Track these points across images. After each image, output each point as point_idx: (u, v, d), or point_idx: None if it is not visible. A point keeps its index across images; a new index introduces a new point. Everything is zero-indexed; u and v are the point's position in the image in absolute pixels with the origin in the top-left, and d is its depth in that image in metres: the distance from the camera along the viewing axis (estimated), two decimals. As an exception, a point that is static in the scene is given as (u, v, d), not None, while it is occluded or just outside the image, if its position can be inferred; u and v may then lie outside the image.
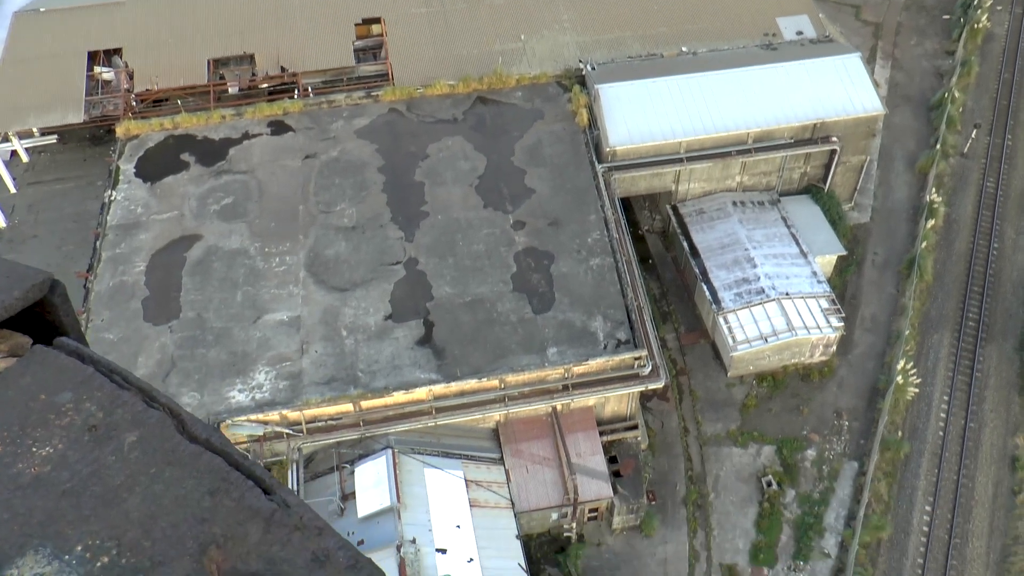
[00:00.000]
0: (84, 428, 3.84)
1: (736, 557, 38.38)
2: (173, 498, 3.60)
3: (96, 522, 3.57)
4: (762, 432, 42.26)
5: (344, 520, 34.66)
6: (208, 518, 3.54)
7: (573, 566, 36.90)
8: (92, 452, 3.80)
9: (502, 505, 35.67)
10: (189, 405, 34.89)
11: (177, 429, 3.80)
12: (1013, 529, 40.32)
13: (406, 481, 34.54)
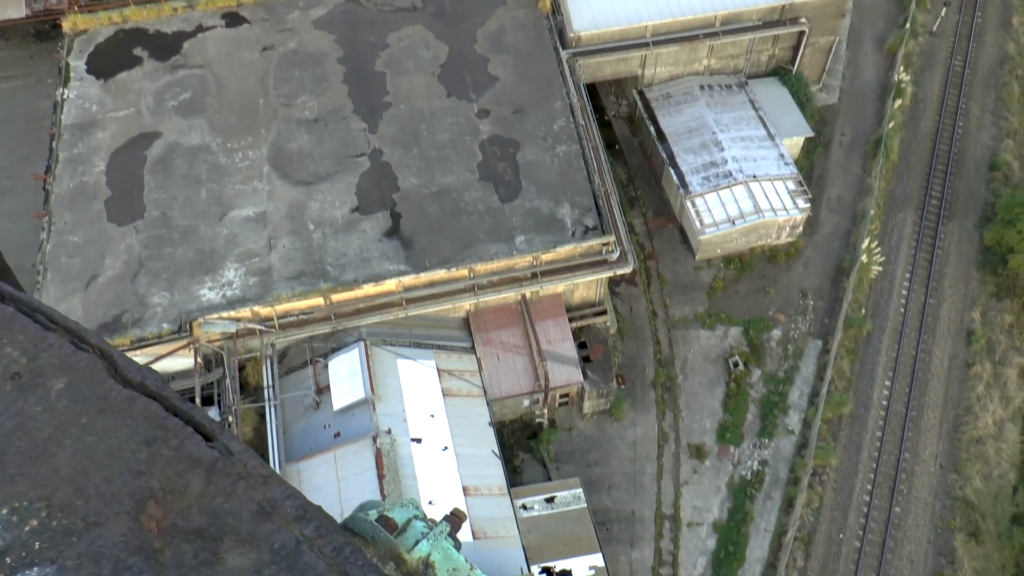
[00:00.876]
0: (5, 376, 3.46)
1: (704, 437, 39.66)
2: (106, 450, 3.27)
3: (23, 482, 3.21)
4: (729, 314, 43.09)
5: (320, 413, 35.27)
6: (145, 471, 3.24)
7: (545, 451, 37.99)
8: (15, 403, 3.42)
9: (474, 394, 36.38)
10: (159, 305, 34.93)
11: (109, 372, 3.46)
12: (965, 400, 41.89)
13: (379, 373, 35.06)
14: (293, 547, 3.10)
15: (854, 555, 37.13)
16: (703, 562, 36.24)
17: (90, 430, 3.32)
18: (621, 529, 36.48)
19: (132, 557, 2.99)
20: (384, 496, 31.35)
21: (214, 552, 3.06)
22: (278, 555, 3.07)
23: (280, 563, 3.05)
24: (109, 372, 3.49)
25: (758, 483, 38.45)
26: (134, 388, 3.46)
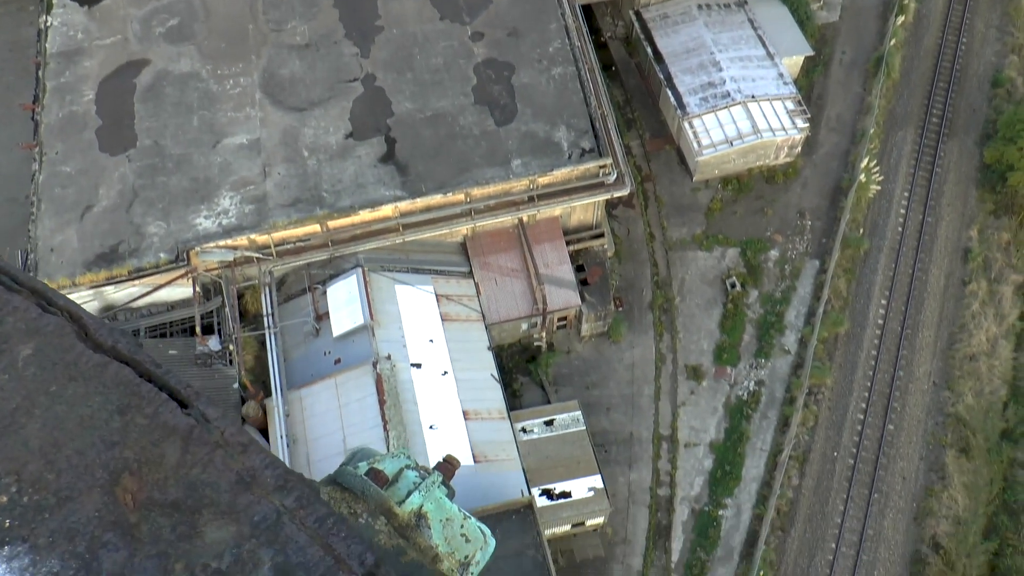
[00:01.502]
0: (-33, 343, 3.35)
1: (701, 358, 39.90)
2: (78, 420, 3.10)
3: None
4: (727, 235, 42.92)
5: (319, 340, 35.38)
6: (119, 441, 3.08)
7: (544, 374, 38.27)
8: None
9: (473, 318, 36.44)
10: (156, 234, 34.71)
11: (79, 336, 3.27)
12: (960, 318, 42.02)
13: (378, 299, 35.05)
14: (274, 519, 2.97)
15: (848, 472, 37.72)
16: (700, 482, 36.84)
17: (60, 398, 3.16)
18: (619, 450, 36.98)
19: (107, 533, 2.88)
20: (386, 422, 31.66)
21: (192, 525, 2.94)
22: (258, 528, 2.95)
23: (260, 536, 2.93)
24: (79, 336, 3.31)
25: (754, 403, 38.84)
26: (105, 352, 3.28)
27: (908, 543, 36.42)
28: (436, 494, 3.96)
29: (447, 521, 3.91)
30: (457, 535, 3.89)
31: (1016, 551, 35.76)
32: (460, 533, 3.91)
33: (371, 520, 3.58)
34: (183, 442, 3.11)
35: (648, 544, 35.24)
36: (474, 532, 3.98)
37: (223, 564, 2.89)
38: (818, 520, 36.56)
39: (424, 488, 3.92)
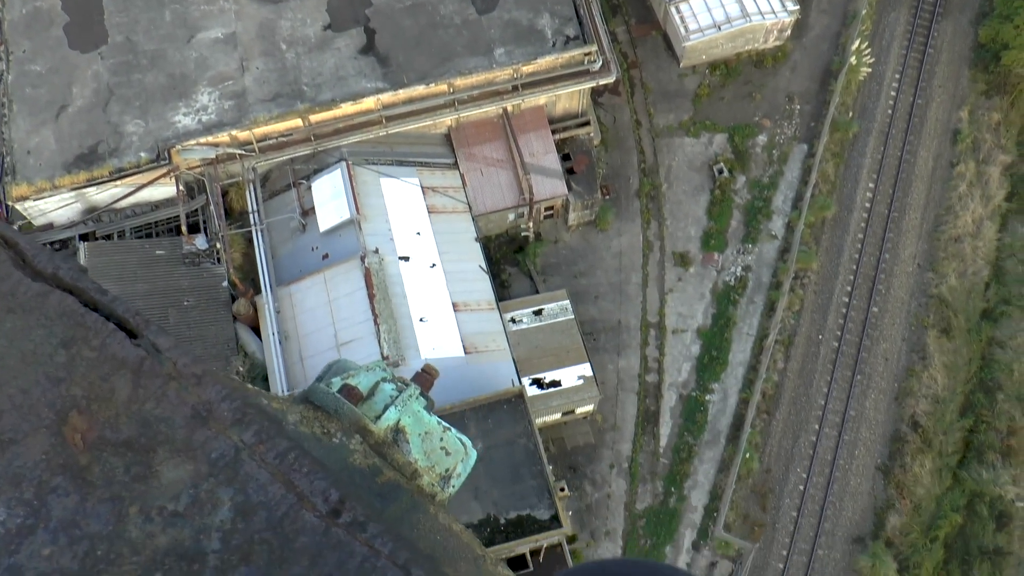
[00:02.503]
0: None
1: (688, 245, 39.89)
2: (19, 356, 2.88)
3: (-76, 398, 2.94)
4: (714, 121, 42.27)
5: (306, 236, 35.15)
6: (65, 377, 2.87)
7: (532, 264, 38.23)
8: (-91, 308, 3.08)
9: (459, 209, 36.17)
10: (135, 133, 33.96)
11: (15, 264, 3.05)
12: (947, 200, 41.92)
13: (363, 192, 34.65)
14: (232, 456, 2.83)
15: (832, 355, 38.28)
16: (687, 367, 37.36)
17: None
18: (608, 338, 37.33)
19: (56, 477, 2.73)
20: (376, 315, 31.78)
21: (147, 465, 2.78)
22: (216, 465, 2.81)
23: (219, 475, 2.79)
24: (15, 263, 3.11)
25: (741, 289, 39.05)
26: (46, 280, 3.07)
27: (888, 423, 37.29)
28: (414, 407, 3.80)
29: (426, 435, 3.77)
30: (436, 448, 3.77)
31: (989, 427, 36.69)
32: (440, 446, 3.78)
33: (345, 439, 3.40)
34: (134, 375, 2.92)
35: (637, 430, 35.98)
36: (454, 444, 3.85)
37: (180, 506, 2.74)
38: (802, 402, 37.30)
39: (401, 402, 3.76)
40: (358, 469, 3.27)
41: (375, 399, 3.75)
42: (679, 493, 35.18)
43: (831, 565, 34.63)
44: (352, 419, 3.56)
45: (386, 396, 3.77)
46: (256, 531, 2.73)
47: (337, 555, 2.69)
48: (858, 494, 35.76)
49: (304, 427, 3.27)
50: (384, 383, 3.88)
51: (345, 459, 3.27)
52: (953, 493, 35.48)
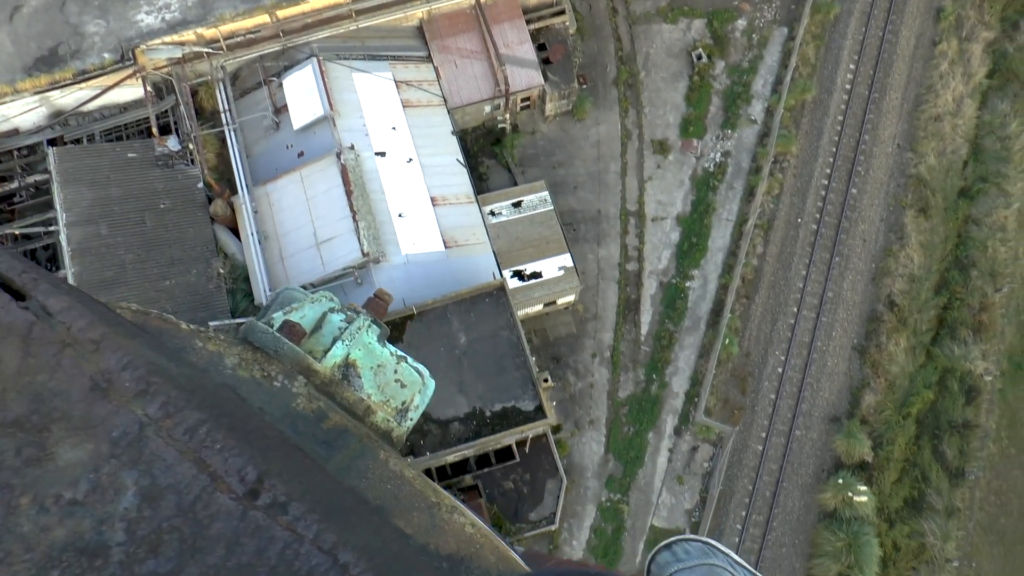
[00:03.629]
0: None
1: (667, 132, 39.77)
2: None
3: None
4: (692, 6, 41.50)
5: (280, 134, 34.85)
6: None
7: (510, 155, 38.10)
8: None
9: (434, 103, 35.83)
10: (96, 34, 33.21)
11: None
12: (928, 79, 41.75)
13: (336, 88, 34.21)
14: (136, 433, 2.51)
15: (811, 238, 38.77)
16: (667, 255, 37.80)
17: None
18: (588, 228, 37.61)
19: None
20: (354, 212, 31.85)
21: (40, 447, 2.46)
22: (118, 445, 2.49)
23: (121, 456, 2.47)
24: None
25: (720, 174, 39.20)
26: None
27: (865, 303, 38.09)
28: (364, 339, 3.54)
29: (379, 368, 3.53)
30: (391, 381, 3.54)
31: (963, 304, 37.58)
32: (394, 379, 3.56)
33: (287, 382, 3.12)
34: (22, 343, 2.56)
35: (618, 319, 36.65)
36: (409, 375, 3.61)
37: (78, 493, 2.43)
38: (781, 286, 37.96)
39: (349, 335, 3.49)
40: (301, 415, 3.01)
41: (322, 332, 3.49)
42: (660, 380, 36.13)
43: (808, 445, 35.93)
44: (294, 359, 3.29)
45: (334, 328, 3.51)
46: (165, 518, 2.45)
47: (256, 542, 2.41)
48: (835, 375, 36.83)
49: (243, 371, 3.00)
50: (332, 314, 3.61)
51: (288, 404, 3.02)
52: (926, 370, 36.59)
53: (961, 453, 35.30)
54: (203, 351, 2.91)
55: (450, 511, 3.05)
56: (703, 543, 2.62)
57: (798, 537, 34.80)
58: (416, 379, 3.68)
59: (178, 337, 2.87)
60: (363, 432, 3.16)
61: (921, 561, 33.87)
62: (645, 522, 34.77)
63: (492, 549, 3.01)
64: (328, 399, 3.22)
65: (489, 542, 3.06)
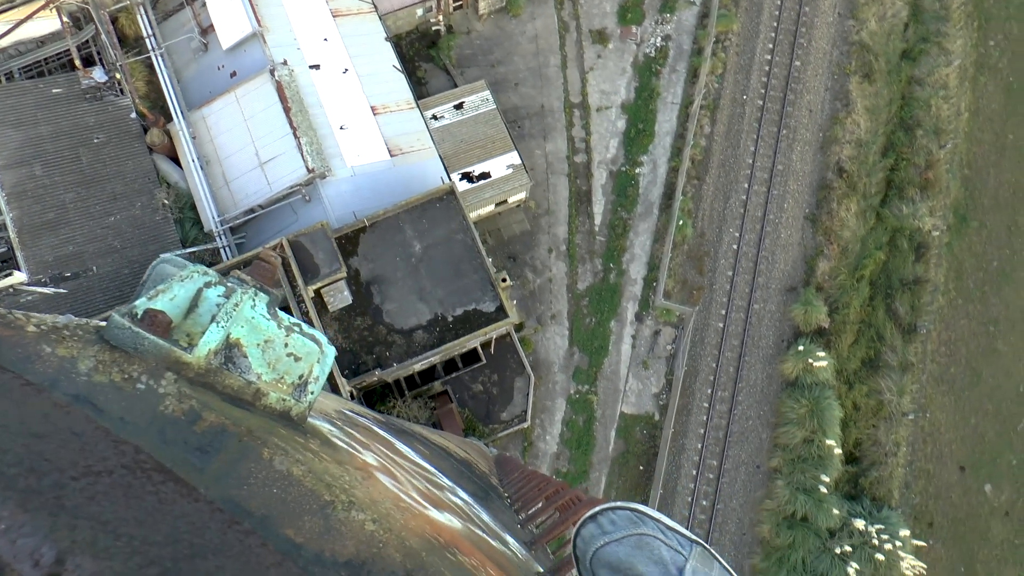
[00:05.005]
0: None
1: (605, 21, 40.07)
2: None
3: None
4: None
5: (210, 55, 34.76)
6: None
7: (447, 58, 38.28)
8: None
9: (365, 10, 35.78)
10: (3, -37, 32.77)
11: None
12: (866, -58, 42.41)
13: (261, 3, 33.76)
14: None
15: (757, 113, 39.75)
16: (615, 143, 38.64)
17: None
18: (533, 124, 38.26)
19: None
20: (295, 129, 32.20)
21: None
22: None
23: None
24: None
25: (662, 59, 39.84)
26: None
27: (815, 172, 39.38)
28: (246, 313, 3.14)
29: (266, 344, 3.18)
30: (283, 356, 3.22)
31: (909, 163, 39.05)
32: (286, 352, 3.23)
33: (152, 383, 2.75)
34: None
35: (571, 211, 37.65)
36: (303, 346, 3.26)
37: None
38: (731, 164, 39.09)
39: (225, 313, 3.08)
40: (170, 419, 2.69)
41: (199, 313, 3.13)
42: (618, 268, 37.41)
43: (767, 317, 37.61)
44: (158, 355, 2.92)
45: (212, 307, 3.14)
46: None
47: None
48: (789, 245, 38.33)
49: (99, 376, 2.67)
50: (208, 290, 3.21)
51: (154, 408, 2.71)
52: (876, 232, 38.21)
53: (913, 309, 37.25)
54: (52, 358, 2.52)
55: (347, 508, 2.82)
56: (631, 511, 2.53)
57: (763, 408, 36.75)
58: (312, 348, 3.32)
59: (20, 345, 2.52)
60: (243, 429, 2.85)
61: (880, 418, 36.02)
62: (615, 410, 36.47)
63: (398, 546, 2.82)
64: (207, 392, 2.91)
65: (394, 537, 2.86)
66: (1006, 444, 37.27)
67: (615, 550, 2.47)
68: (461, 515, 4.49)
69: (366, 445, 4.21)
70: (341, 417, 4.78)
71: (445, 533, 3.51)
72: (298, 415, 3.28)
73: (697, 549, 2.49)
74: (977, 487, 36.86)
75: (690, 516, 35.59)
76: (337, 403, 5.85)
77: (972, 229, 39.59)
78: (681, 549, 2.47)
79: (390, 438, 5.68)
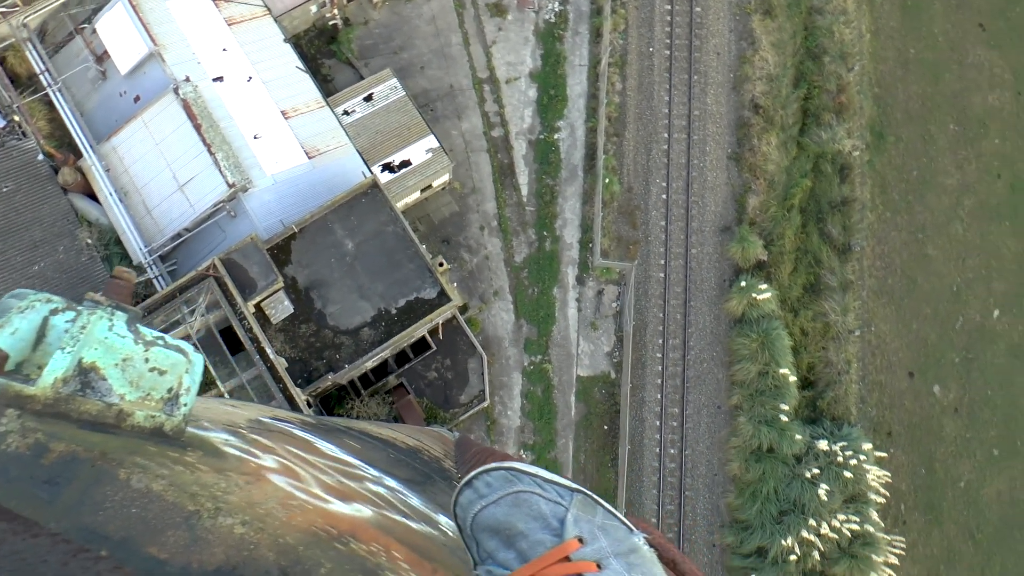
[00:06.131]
0: None
1: (501, -10, 41.23)
2: None
3: None
4: None
5: (110, 82, 34.81)
6: None
7: (349, 51, 38.68)
8: None
9: (259, 14, 36.04)
10: None
11: None
12: None
13: (153, 21, 33.81)
14: None
15: (665, 63, 41.06)
16: (529, 113, 39.67)
17: None
18: (445, 105, 39.17)
19: None
20: (209, 145, 32.60)
21: None
22: None
23: None
24: None
25: (563, 23, 40.93)
26: None
27: (731, 112, 40.90)
28: (98, 335, 3.08)
29: (125, 362, 3.15)
30: (145, 372, 3.20)
31: (821, 90, 40.88)
32: (148, 368, 3.21)
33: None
34: None
35: (496, 186, 38.64)
36: (166, 359, 3.26)
37: None
38: (647, 116, 40.46)
39: (70, 338, 3.01)
40: (14, 456, 2.69)
41: (48, 342, 3.07)
42: (552, 235, 38.60)
43: (706, 260, 39.12)
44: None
45: (60, 334, 3.10)
46: None
47: None
48: (716, 187, 39.86)
49: None
50: (55, 317, 3.14)
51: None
52: (799, 160, 39.95)
53: (844, 229, 39.09)
54: None
55: (213, 515, 2.80)
56: (505, 470, 2.55)
57: (715, 349, 38.31)
58: (178, 360, 3.31)
59: None
60: (96, 454, 2.81)
61: (828, 339, 37.80)
62: (571, 375, 37.74)
63: (271, 545, 2.84)
64: (59, 422, 2.87)
65: (267, 537, 2.87)
66: (948, 344, 39.45)
67: (493, 512, 2.49)
68: (379, 503, 4.60)
69: (270, 449, 4.27)
70: (253, 425, 4.87)
71: (343, 523, 3.57)
72: (173, 429, 3.26)
73: (578, 497, 2.49)
74: (927, 390, 38.99)
75: (660, 466, 37.06)
76: (256, 411, 5.96)
77: (890, 144, 41.57)
78: (561, 500, 2.48)
79: (310, 438, 5.84)
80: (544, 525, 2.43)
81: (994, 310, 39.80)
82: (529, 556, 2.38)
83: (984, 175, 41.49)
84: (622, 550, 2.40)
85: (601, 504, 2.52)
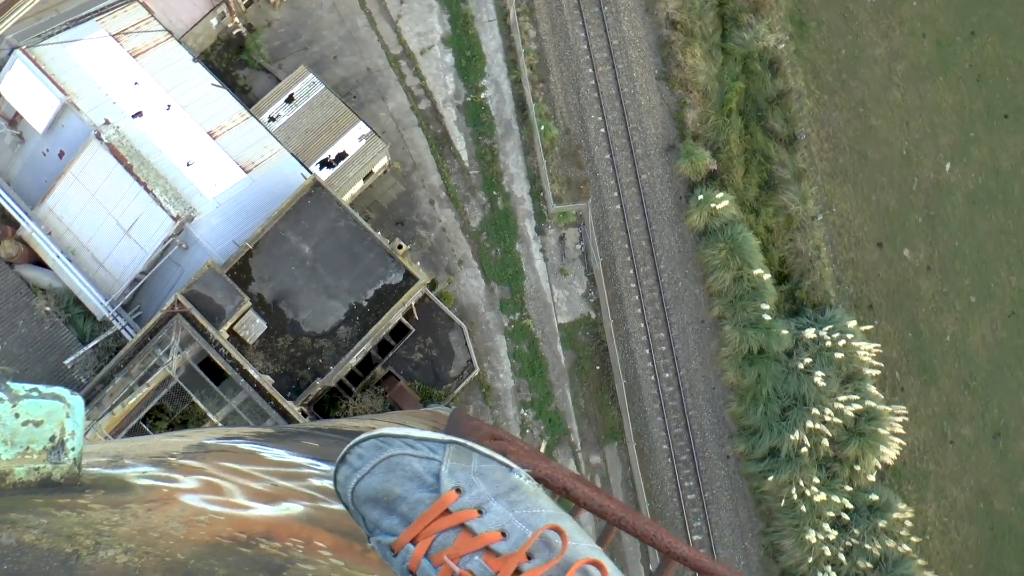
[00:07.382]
0: None
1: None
2: None
3: None
4: None
5: (29, 144, 34.75)
6: None
7: (260, 56, 38.83)
8: None
9: (161, 40, 35.95)
10: None
11: None
12: None
13: (58, 71, 34.06)
14: None
15: (575, 1, 41.83)
16: (451, 79, 40.29)
17: None
18: (366, 89, 39.80)
19: None
20: (144, 184, 32.73)
21: None
22: None
23: None
24: None
25: (464, -19, 41.83)
26: None
27: (650, 34, 41.75)
28: None
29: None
30: (18, 428, 3.18)
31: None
32: (21, 424, 3.18)
33: None
34: None
35: (436, 157, 39.40)
36: (40, 409, 3.23)
37: None
38: (568, 56, 41.35)
39: None
40: None
41: None
42: (502, 193, 39.63)
43: (657, 183, 40.40)
44: None
45: None
46: None
47: None
48: (652, 109, 41.06)
49: None
50: None
51: None
52: (728, 65, 41.16)
53: (786, 121, 40.51)
54: None
55: (93, 551, 2.83)
56: (374, 438, 2.58)
57: (687, 267, 39.78)
58: (54, 406, 3.26)
59: None
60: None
61: (793, 230, 39.31)
62: (552, 325, 39.08)
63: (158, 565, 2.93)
64: None
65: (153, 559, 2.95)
66: (908, 206, 41.23)
67: (369, 482, 2.52)
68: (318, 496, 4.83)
69: (196, 470, 4.40)
70: (189, 450, 5.03)
71: (256, 526, 3.68)
72: (64, 476, 3.26)
73: (451, 448, 2.53)
74: (897, 255, 40.82)
75: (659, 392, 38.62)
76: (203, 435, 6.13)
77: (812, 29, 42.89)
78: (433, 455, 2.51)
79: (256, 448, 5.97)
80: (420, 484, 2.49)
81: (945, 163, 41.61)
82: (411, 517, 2.44)
83: (910, 38, 43.02)
84: (502, 490, 2.49)
85: (476, 449, 2.57)
